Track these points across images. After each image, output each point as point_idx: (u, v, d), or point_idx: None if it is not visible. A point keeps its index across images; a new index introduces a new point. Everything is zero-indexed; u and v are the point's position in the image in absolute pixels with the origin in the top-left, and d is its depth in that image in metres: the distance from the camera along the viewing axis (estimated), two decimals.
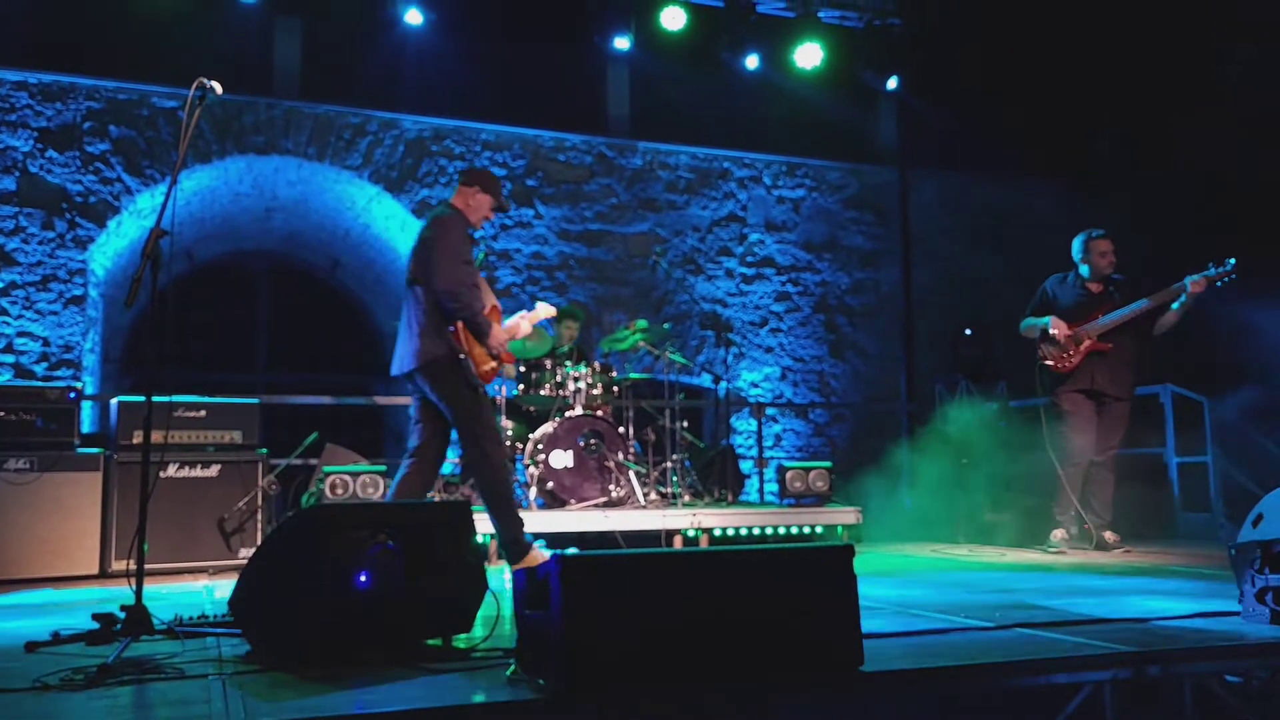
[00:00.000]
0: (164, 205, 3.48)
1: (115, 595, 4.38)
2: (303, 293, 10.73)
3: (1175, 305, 6.10)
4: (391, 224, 9.64)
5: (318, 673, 2.68)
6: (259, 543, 5.68)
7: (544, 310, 5.63)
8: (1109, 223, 10.07)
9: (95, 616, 3.33)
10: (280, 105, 8.98)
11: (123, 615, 3.28)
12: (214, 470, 5.90)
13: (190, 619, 3.48)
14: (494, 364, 4.99)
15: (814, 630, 2.48)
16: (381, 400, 9.25)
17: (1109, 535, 6.23)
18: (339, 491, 6.13)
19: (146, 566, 3.57)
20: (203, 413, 5.98)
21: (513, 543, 4.82)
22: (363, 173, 9.21)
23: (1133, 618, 3.35)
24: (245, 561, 5.24)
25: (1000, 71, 10.18)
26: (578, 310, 8.01)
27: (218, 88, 3.69)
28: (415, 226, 9.29)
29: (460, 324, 4.78)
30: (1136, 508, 7.11)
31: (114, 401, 5.95)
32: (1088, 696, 2.66)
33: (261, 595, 2.98)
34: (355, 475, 6.24)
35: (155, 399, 3.63)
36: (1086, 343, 6.27)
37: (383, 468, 6.41)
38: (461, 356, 4.75)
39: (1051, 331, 6.31)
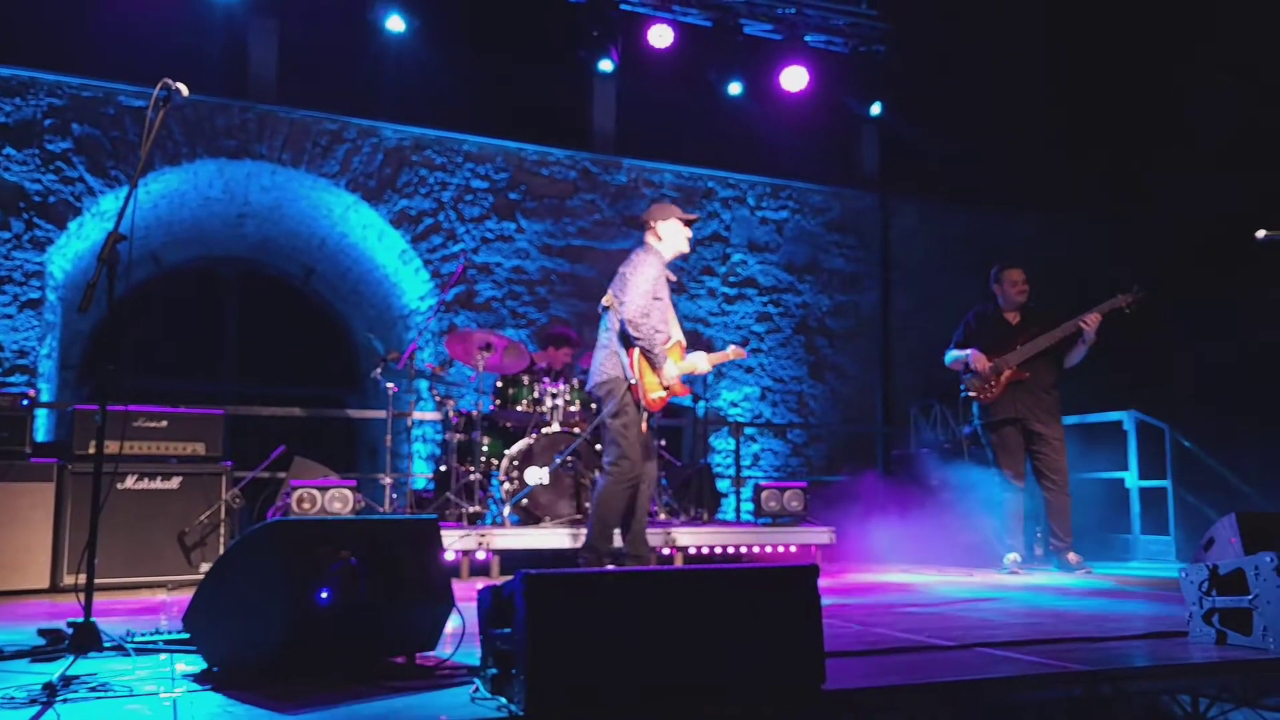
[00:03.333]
0: (123, 208, 3.36)
1: (65, 610, 4.25)
2: (274, 301, 10.53)
3: (1083, 336, 6.31)
4: (369, 233, 9.49)
5: (275, 691, 2.61)
6: None
7: (733, 352, 5.81)
8: (1084, 251, 10.20)
9: (42, 632, 3.21)
10: (255, 109, 8.81)
11: (70, 631, 3.14)
12: (175, 482, 5.71)
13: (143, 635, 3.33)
14: (663, 394, 5.33)
15: (778, 649, 2.49)
16: (354, 413, 9.08)
17: (1071, 556, 6.34)
18: (306, 506, 5.99)
19: (101, 581, 3.41)
20: (164, 423, 5.79)
21: (590, 550, 5.25)
22: (340, 180, 9.06)
23: (1088, 637, 3.43)
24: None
25: (981, 101, 10.37)
26: (574, 338, 7.92)
27: (183, 89, 3.59)
28: (394, 236, 9.23)
29: (638, 351, 5.20)
30: (1099, 530, 7.36)
31: (70, 410, 5.75)
32: (1044, 714, 2.76)
33: (218, 610, 2.89)
34: (323, 490, 6.09)
35: (112, 407, 3.47)
36: (1006, 373, 6.48)
37: (353, 483, 6.24)
38: (631, 382, 5.17)
39: (971, 364, 6.51)
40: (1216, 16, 10.01)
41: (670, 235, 5.45)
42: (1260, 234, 5.17)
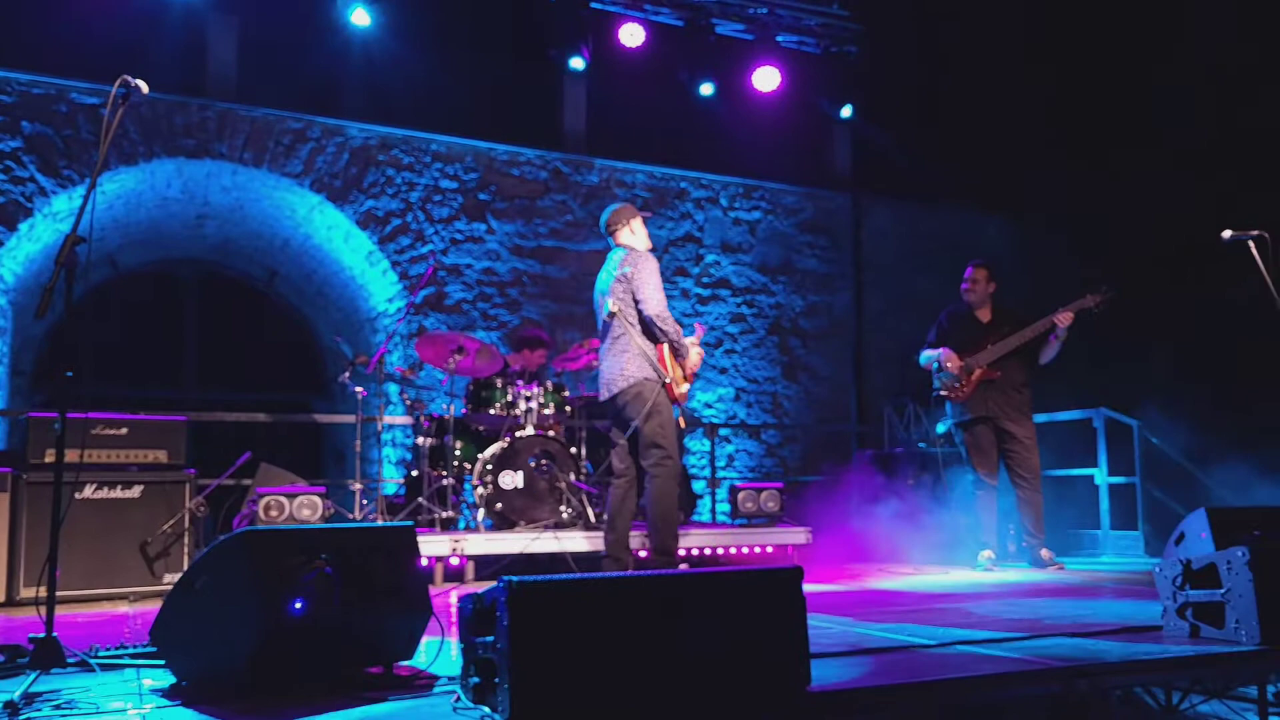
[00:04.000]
0: (82, 209, 3.25)
1: (24, 624, 4.15)
2: (237, 304, 10.31)
3: (1055, 334, 6.36)
4: (334, 234, 9.30)
5: (248, 705, 2.56)
6: (185, 568, 5.34)
7: (700, 331, 5.87)
8: (1053, 251, 10.25)
9: (1, 648, 3.12)
10: (214, 107, 8.60)
11: (31, 646, 3.02)
12: (136, 491, 5.51)
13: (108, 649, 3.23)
14: (686, 386, 5.41)
15: (763, 650, 2.50)
16: (321, 418, 8.90)
17: (1044, 553, 6.39)
18: (274, 514, 5.83)
19: (59, 594, 3.25)
20: (124, 430, 5.59)
21: (663, 552, 5.17)
22: (304, 180, 8.87)
23: (1064, 633, 3.49)
24: (170, 588, 4.94)
25: (952, 102, 10.39)
26: (546, 338, 7.80)
27: (143, 86, 3.48)
28: (360, 237, 9.05)
29: (664, 347, 5.25)
30: (1070, 526, 7.45)
31: (24, 417, 5.55)
32: (1025, 710, 2.83)
33: (186, 623, 2.82)
34: (291, 497, 5.93)
35: (70, 415, 3.32)
36: (977, 372, 6.52)
37: (321, 489, 6.08)
38: (666, 380, 5.19)
39: (943, 363, 6.55)
40: (1182, 19, 10.09)
41: (640, 232, 5.58)
42: (1226, 234, 5.28)
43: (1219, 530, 3.66)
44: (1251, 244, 5.24)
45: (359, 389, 6.71)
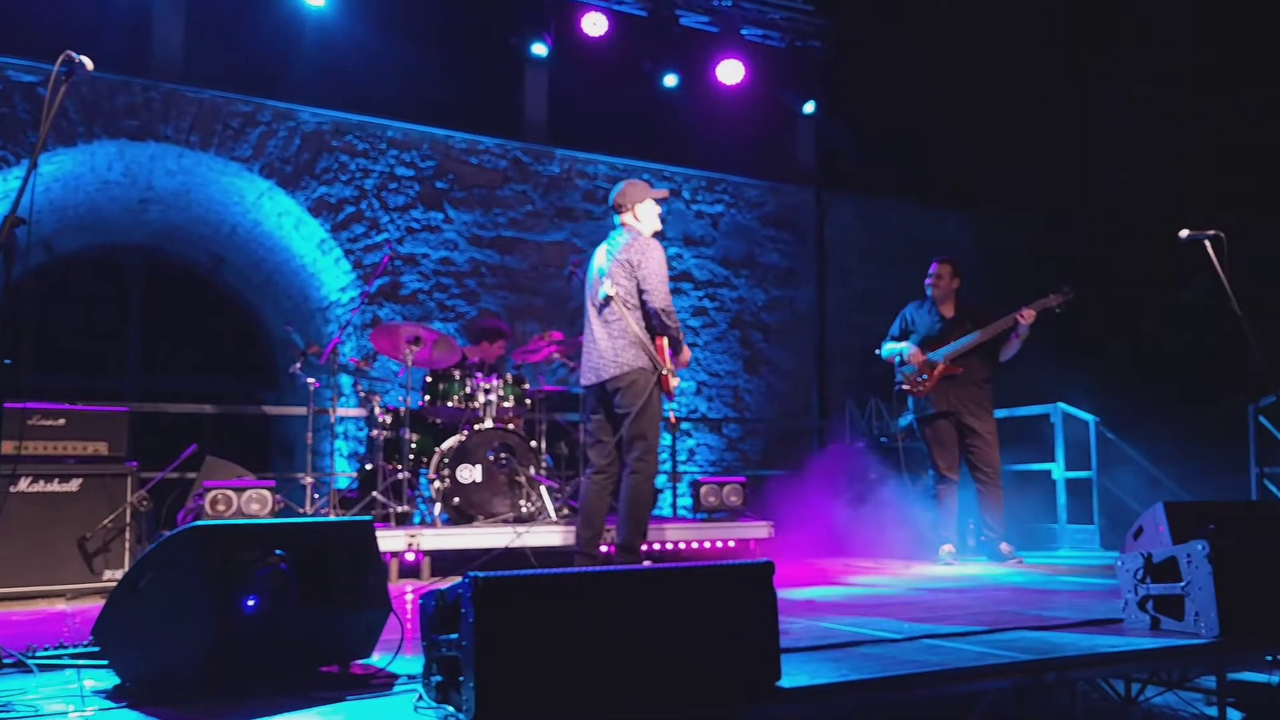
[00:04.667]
0: (21, 190, 3.13)
1: None
2: (181, 292, 9.99)
3: (1016, 333, 6.39)
4: (285, 221, 9.04)
5: (197, 707, 2.48)
6: (127, 564, 5.18)
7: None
8: (1015, 248, 10.30)
9: None
10: (159, 87, 8.30)
11: None
12: (75, 484, 5.26)
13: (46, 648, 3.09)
14: (677, 380, 5.23)
15: (734, 646, 2.49)
16: (271, 410, 8.65)
17: (1004, 546, 6.42)
18: (221, 509, 5.62)
19: None
20: (61, 421, 5.34)
21: (626, 549, 5.03)
22: (253, 165, 8.61)
23: (1029, 626, 3.53)
24: (110, 584, 4.72)
25: (916, 98, 10.39)
26: (505, 329, 7.63)
27: (88, 63, 3.34)
28: (312, 225, 8.80)
29: (664, 340, 5.07)
30: (1028, 520, 7.51)
31: None
32: (991, 703, 2.81)
33: (132, 621, 2.71)
34: (239, 491, 5.72)
35: (5, 405, 3.15)
36: (939, 367, 6.52)
37: (271, 483, 5.87)
38: (664, 371, 5.03)
39: (906, 358, 6.56)
40: (1139, 19, 10.17)
41: (646, 216, 5.32)
42: (1183, 233, 5.30)
43: (1176, 524, 3.75)
44: (1208, 243, 5.27)
45: (311, 380, 6.52)
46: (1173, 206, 8.67)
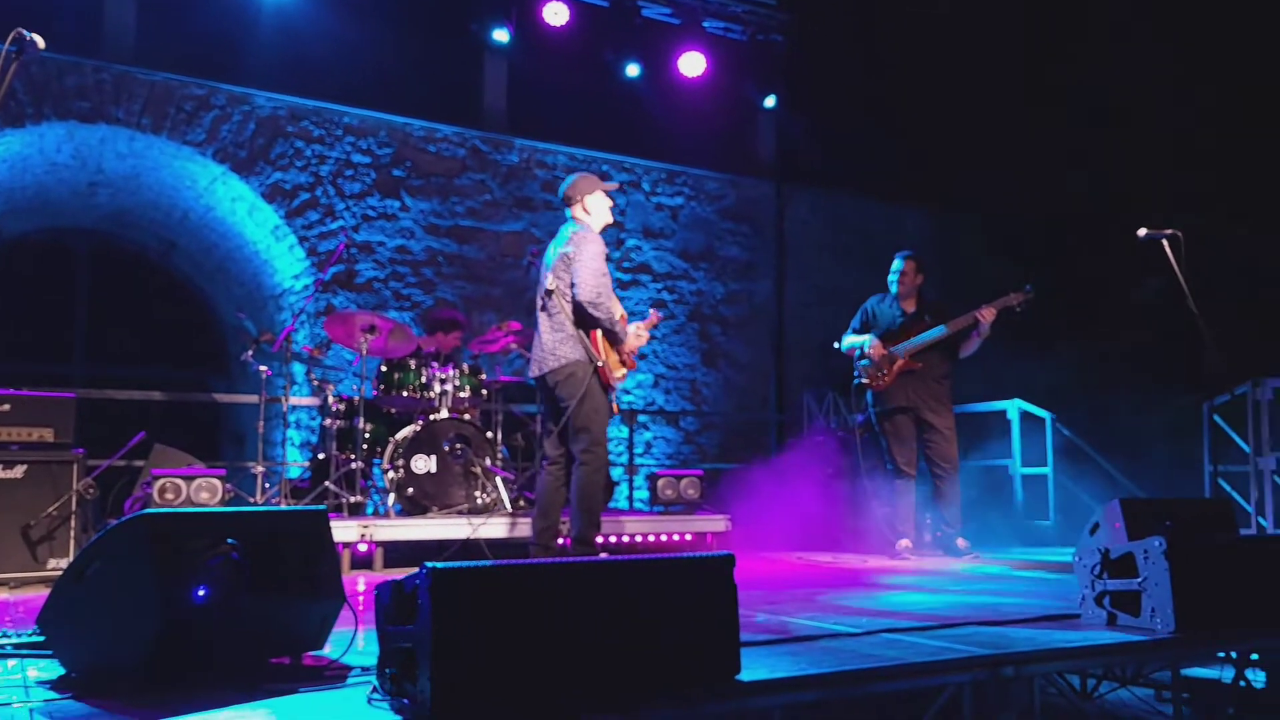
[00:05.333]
0: None
1: None
2: (131, 277, 9.81)
3: (977, 330, 6.40)
4: (238, 207, 8.89)
5: (145, 698, 2.43)
6: (72, 552, 5.06)
7: (655, 317, 5.77)
8: (973, 246, 10.39)
9: None
10: (110, 69, 8.12)
11: None
12: (18, 471, 5.13)
13: None
14: (624, 371, 5.29)
15: (693, 639, 2.48)
16: (222, 398, 8.51)
17: (960, 542, 6.43)
18: (169, 497, 5.52)
19: None
20: (6, 406, 5.20)
21: (581, 542, 5.06)
22: (206, 150, 8.45)
23: (987, 621, 3.54)
24: (55, 573, 4.61)
25: (876, 94, 10.44)
26: (463, 319, 7.55)
27: (39, 41, 3.27)
28: (266, 211, 8.66)
29: (598, 332, 5.08)
30: (984, 516, 7.51)
31: None
32: (949, 697, 2.83)
33: (79, 611, 2.66)
34: (189, 480, 5.61)
35: None
36: (899, 362, 6.53)
37: (221, 471, 5.77)
38: (600, 363, 5.04)
39: (868, 351, 6.56)
40: (1098, 21, 10.29)
41: (597, 209, 5.32)
42: (1141, 232, 5.36)
43: (1132, 521, 3.76)
44: (1165, 243, 5.33)
45: (263, 368, 6.41)
46: (1130, 206, 8.81)
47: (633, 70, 9.92)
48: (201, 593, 2.55)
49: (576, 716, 2.26)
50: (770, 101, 10.70)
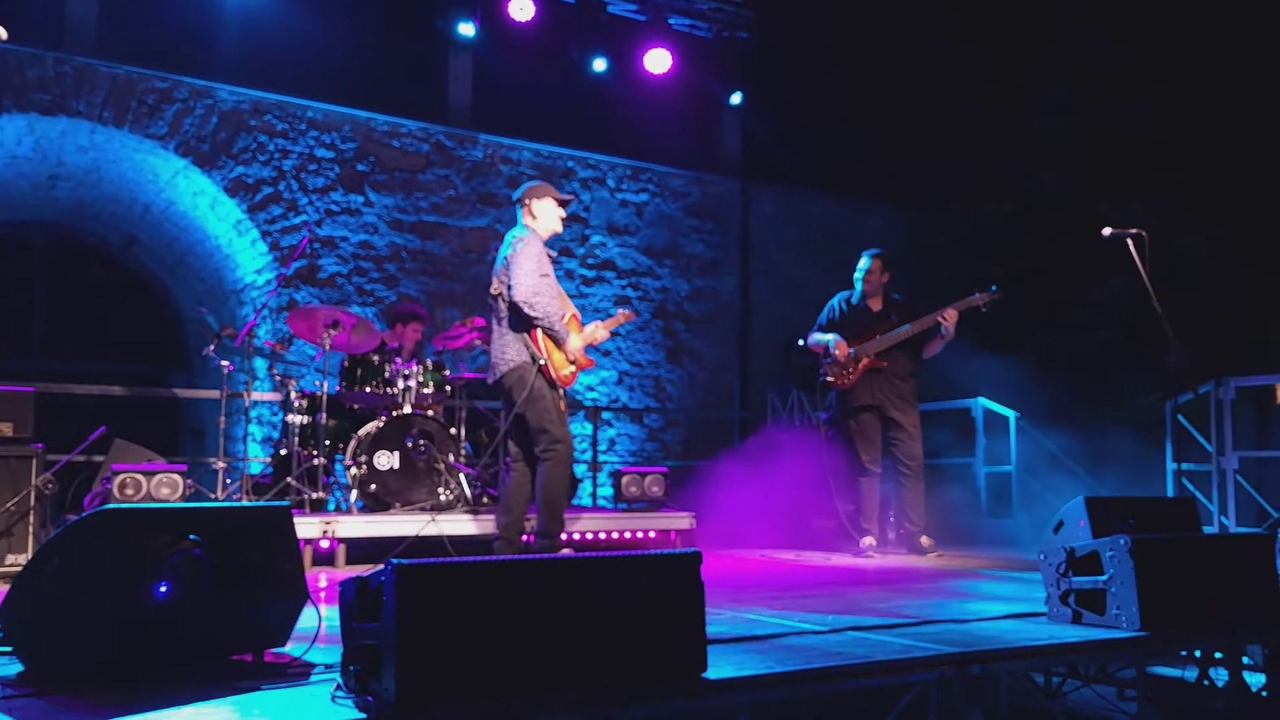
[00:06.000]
0: None
1: None
2: (91, 271, 9.72)
3: (941, 331, 6.39)
4: (200, 201, 8.82)
5: (107, 695, 2.40)
6: (30, 549, 4.99)
7: (623, 315, 5.86)
8: (938, 244, 10.49)
9: None
10: (72, 61, 8.04)
11: None
12: None
13: None
14: (572, 369, 5.31)
15: (660, 637, 2.47)
16: (183, 393, 8.45)
17: (924, 540, 6.43)
18: (130, 492, 5.46)
19: None
20: None
21: (545, 536, 5.13)
22: (168, 143, 8.38)
23: (953, 619, 3.53)
24: (14, 569, 4.57)
25: (842, 92, 10.50)
26: (424, 313, 7.54)
27: (2, 32, 3.18)
28: (229, 205, 8.60)
29: (539, 332, 5.12)
30: (948, 514, 7.51)
31: None
32: (915, 695, 2.82)
33: (39, 607, 2.63)
34: (149, 475, 5.56)
35: None
36: (864, 360, 6.52)
37: (182, 467, 5.73)
38: (541, 363, 5.08)
39: (832, 350, 6.54)
40: (1062, 19, 10.40)
41: (545, 215, 5.40)
42: (1106, 231, 5.37)
43: (1096, 519, 3.74)
44: (1130, 241, 5.33)
45: (225, 363, 6.36)
46: (1096, 205, 8.90)
47: (599, 66, 9.94)
48: (163, 589, 2.54)
49: (543, 713, 2.26)
50: (736, 99, 10.75)
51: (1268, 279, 9.53)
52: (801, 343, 6.88)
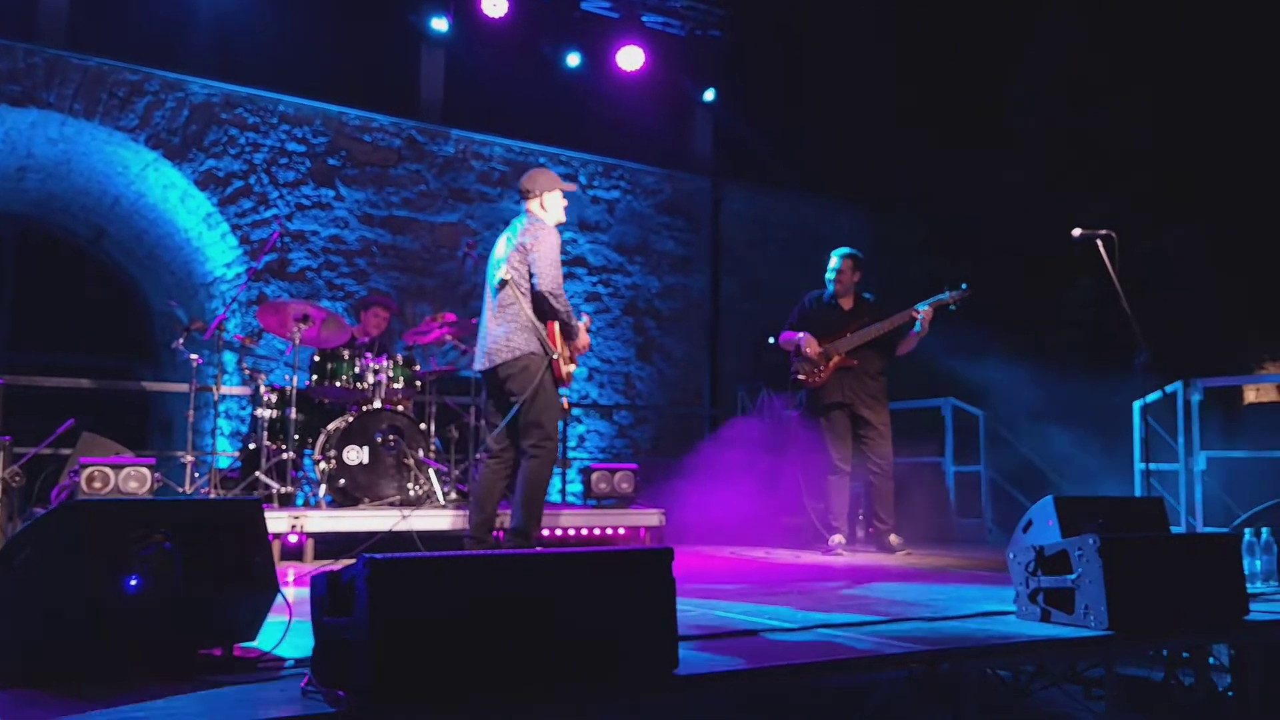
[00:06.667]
0: None
1: None
2: (59, 263, 9.62)
3: (916, 328, 6.42)
4: (170, 194, 8.78)
5: (76, 688, 2.38)
6: None
7: (586, 320, 5.63)
8: (906, 243, 10.58)
9: None
10: (43, 53, 8.00)
11: None
12: None
13: None
14: (573, 366, 5.25)
15: (631, 633, 2.46)
16: (152, 386, 8.41)
17: (893, 538, 6.45)
18: (98, 486, 5.44)
19: None
20: None
21: (520, 535, 4.99)
22: (138, 135, 8.34)
23: (922, 617, 3.53)
24: None
25: (812, 91, 10.55)
26: (386, 300, 7.53)
27: None
28: (199, 198, 8.57)
29: (554, 324, 5.04)
30: (917, 512, 7.52)
31: None
32: (884, 692, 2.84)
33: (7, 600, 2.58)
34: (117, 468, 5.54)
35: None
36: (835, 359, 6.53)
37: (150, 461, 5.72)
38: (555, 356, 5.00)
39: (803, 348, 6.55)
40: (1035, 24, 10.48)
41: (553, 207, 5.29)
42: (1076, 232, 5.36)
43: (1065, 518, 3.72)
44: (1099, 243, 5.31)
45: (194, 356, 6.35)
46: (1065, 205, 8.98)
47: (571, 62, 9.96)
48: (134, 583, 2.51)
49: (513, 709, 2.27)
50: (708, 96, 10.80)
51: (1236, 280, 9.65)
52: (772, 340, 6.89)
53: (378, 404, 6.47)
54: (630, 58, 10.03)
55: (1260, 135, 9.72)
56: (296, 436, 6.48)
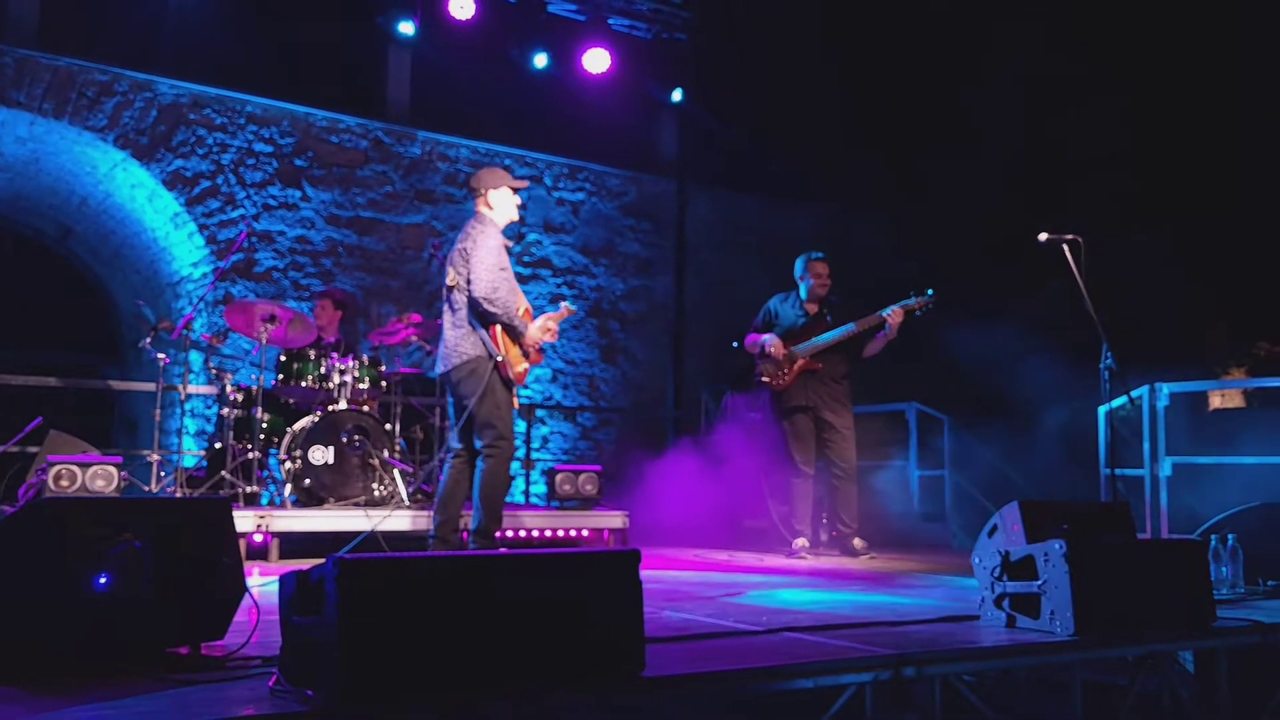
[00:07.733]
0: None
1: None
2: (25, 262, 9.63)
3: (884, 331, 6.44)
4: (138, 194, 8.80)
5: (42, 688, 2.37)
6: None
7: (565, 310, 5.73)
8: (872, 246, 10.67)
9: None
10: (13, 53, 8.01)
11: None
12: None
13: None
14: (526, 366, 5.24)
15: (599, 635, 2.46)
16: (118, 385, 8.42)
17: (857, 542, 6.45)
18: (64, 484, 5.46)
19: None
20: None
21: (483, 535, 5.05)
22: (107, 135, 8.36)
23: (886, 621, 3.52)
24: None
25: (777, 94, 10.61)
26: (334, 292, 7.55)
27: None
28: (166, 198, 8.59)
29: (497, 326, 5.02)
30: (880, 516, 7.53)
31: None
32: (850, 697, 2.81)
33: None
34: (84, 467, 5.57)
35: None
36: (800, 362, 6.54)
37: (117, 459, 5.76)
38: (499, 359, 4.99)
39: (768, 350, 6.55)
40: (998, 27, 10.59)
41: (501, 203, 5.25)
42: (1042, 236, 5.37)
43: (1031, 523, 3.69)
44: (1065, 247, 5.32)
45: (161, 355, 6.38)
46: (1031, 209, 9.08)
47: (540, 60, 9.95)
48: (103, 581, 2.52)
49: (481, 709, 2.27)
50: (674, 99, 10.85)
51: (1203, 285, 9.74)
52: (736, 344, 6.88)
53: (343, 404, 6.48)
54: (596, 60, 10.05)
55: (1230, 139, 9.84)
56: (262, 436, 6.50)
